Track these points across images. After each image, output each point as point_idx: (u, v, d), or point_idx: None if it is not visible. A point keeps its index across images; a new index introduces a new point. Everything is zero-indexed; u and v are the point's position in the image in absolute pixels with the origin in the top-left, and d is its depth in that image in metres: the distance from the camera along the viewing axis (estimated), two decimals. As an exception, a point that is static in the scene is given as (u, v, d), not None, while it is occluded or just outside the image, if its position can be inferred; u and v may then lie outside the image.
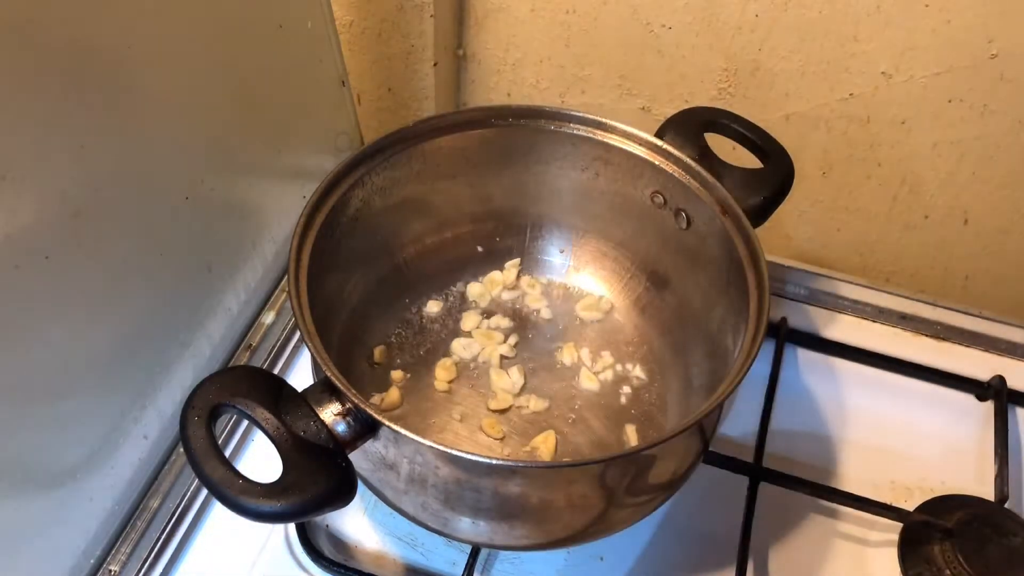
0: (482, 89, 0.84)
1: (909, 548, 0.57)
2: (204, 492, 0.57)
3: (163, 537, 0.55)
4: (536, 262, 0.68)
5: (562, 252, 0.68)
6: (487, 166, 0.63)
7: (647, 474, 0.49)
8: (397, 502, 0.50)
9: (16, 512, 0.46)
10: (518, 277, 0.68)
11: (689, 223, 0.59)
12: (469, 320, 0.65)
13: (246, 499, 0.40)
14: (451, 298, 0.66)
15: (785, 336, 0.68)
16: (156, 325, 0.55)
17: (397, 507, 0.51)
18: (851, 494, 0.57)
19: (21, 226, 0.42)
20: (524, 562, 0.56)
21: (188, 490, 0.58)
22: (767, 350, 0.66)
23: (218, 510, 0.57)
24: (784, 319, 0.70)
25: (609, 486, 0.47)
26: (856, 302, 0.72)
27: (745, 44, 0.70)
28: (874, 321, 0.72)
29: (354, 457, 0.44)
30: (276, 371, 0.66)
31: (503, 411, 0.60)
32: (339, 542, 0.57)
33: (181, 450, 0.55)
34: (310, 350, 0.46)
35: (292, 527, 0.56)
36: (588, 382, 0.62)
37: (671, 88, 0.76)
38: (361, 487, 0.47)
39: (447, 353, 0.63)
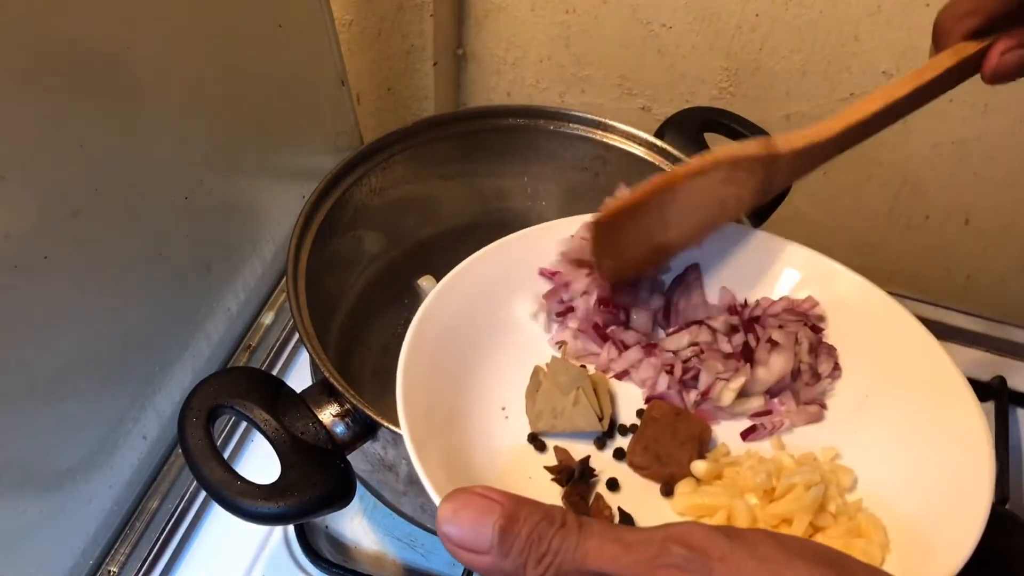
0: (482, 89, 0.84)
1: (909, 549, 0.57)
2: (203, 493, 0.57)
3: (162, 538, 0.55)
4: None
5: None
6: (487, 166, 0.63)
7: (647, 475, 0.49)
8: (396, 503, 0.50)
9: (16, 512, 0.46)
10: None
11: (689, 223, 0.59)
12: None
13: (244, 500, 0.40)
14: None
15: (785, 336, 0.68)
16: (156, 325, 0.55)
17: (396, 508, 0.51)
18: (851, 495, 0.57)
19: (21, 226, 0.42)
20: (524, 563, 0.56)
21: (187, 491, 0.57)
22: (767, 350, 0.66)
23: (217, 511, 0.57)
24: (784, 319, 0.69)
25: (609, 487, 0.47)
26: (856, 302, 0.72)
27: (745, 44, 0.70)
28: (874, 321, 0.71)
29: (353, 458, 0.44)
30: (275, 372, 0.66)
31: None
32: (338, 543, 0.57)
33: (180, 451, 0.55)
34: (308, 351, 0.46)
35: (291, 528, 0.56)
36: (588, 382, 0.62)
37: (671, 88, 0.76)
38: (360, 488, 0.47)
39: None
